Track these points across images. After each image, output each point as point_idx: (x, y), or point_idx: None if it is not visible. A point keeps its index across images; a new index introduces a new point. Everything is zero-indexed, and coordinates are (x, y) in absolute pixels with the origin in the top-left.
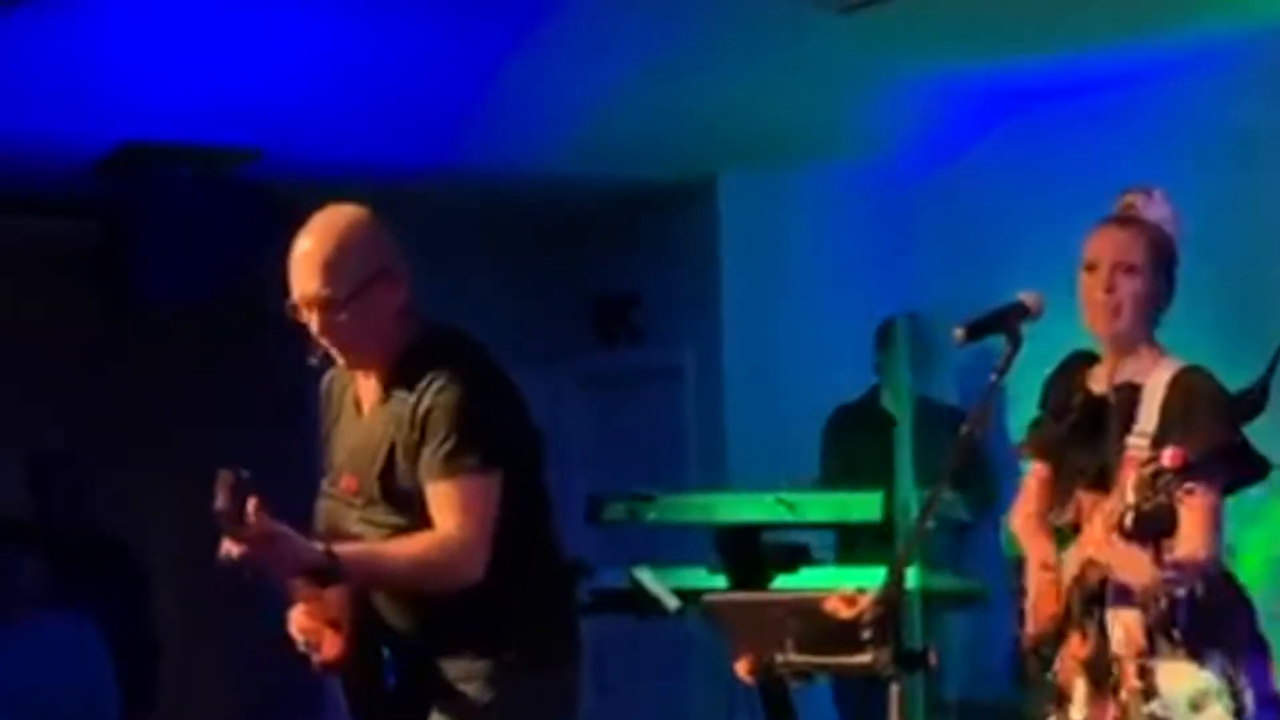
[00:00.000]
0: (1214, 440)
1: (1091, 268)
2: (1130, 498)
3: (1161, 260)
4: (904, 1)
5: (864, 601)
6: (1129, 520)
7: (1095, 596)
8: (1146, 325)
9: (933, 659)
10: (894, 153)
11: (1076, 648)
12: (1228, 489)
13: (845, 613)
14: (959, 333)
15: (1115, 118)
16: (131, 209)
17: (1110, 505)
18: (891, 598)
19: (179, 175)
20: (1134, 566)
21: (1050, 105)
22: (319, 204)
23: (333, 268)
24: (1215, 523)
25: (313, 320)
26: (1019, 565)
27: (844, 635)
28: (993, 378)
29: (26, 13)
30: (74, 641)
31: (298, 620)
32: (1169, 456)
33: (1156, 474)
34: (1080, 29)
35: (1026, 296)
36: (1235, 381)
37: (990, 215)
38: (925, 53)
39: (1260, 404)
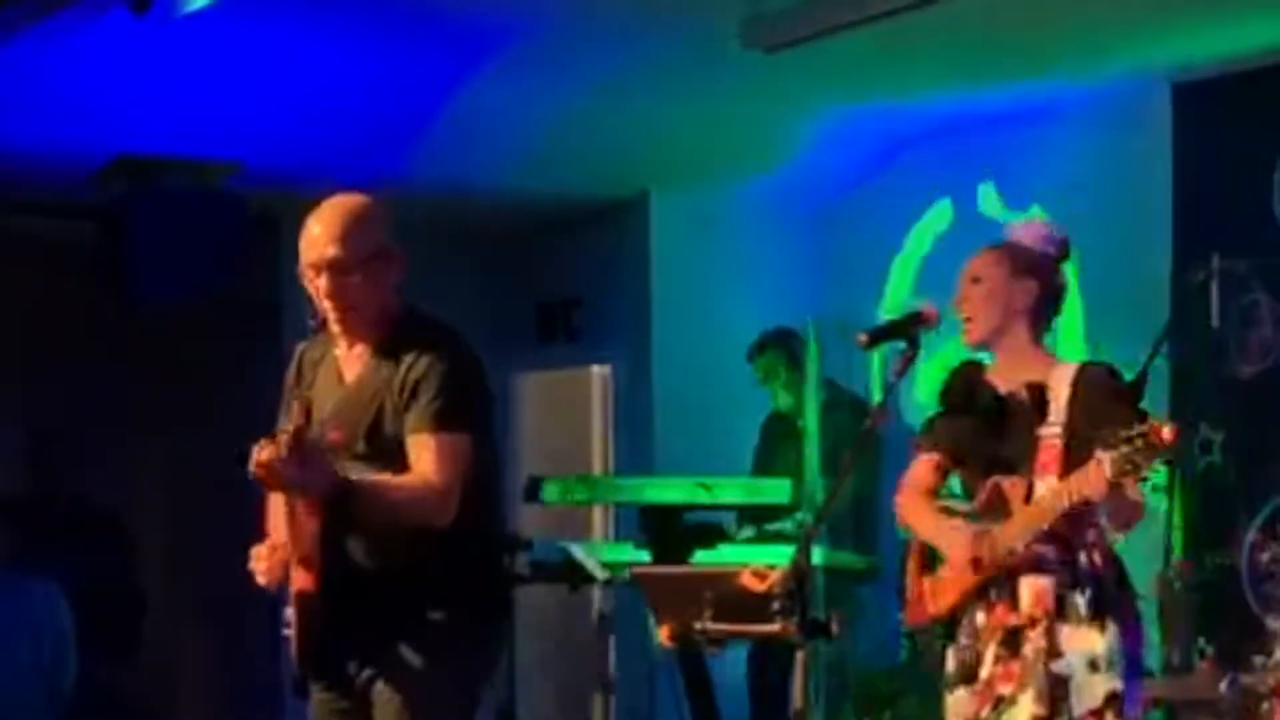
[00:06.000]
0: (1135, 418)
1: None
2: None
3: (1020, 267)
4: (821, 46)
5: (774, 576)
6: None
7: (1014, 570)
8: (1026, 327)
9: (836, 628)
10: (810, 177)
11: (1003, 615)
12: None
13: (757, 586)
14: (862, 338)
15: (1005, 152)
16: (127, 214)
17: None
18: (799, 572)
19: (169, 184)
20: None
21: (948, 140)
22: (292, 212)
23: (346, 235)
24: None
25: (322, 282)
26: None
27: (756, 606)
28: (892, 379)
29: (35, 36)
30: (40, 601)
31: (261, 553)
32: (1169, 432)
33: (1151, 445)
34: (974, 74)
35: (924, 308)
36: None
37: (896, 235)
38: (838, 90)
39: (1142, 391)
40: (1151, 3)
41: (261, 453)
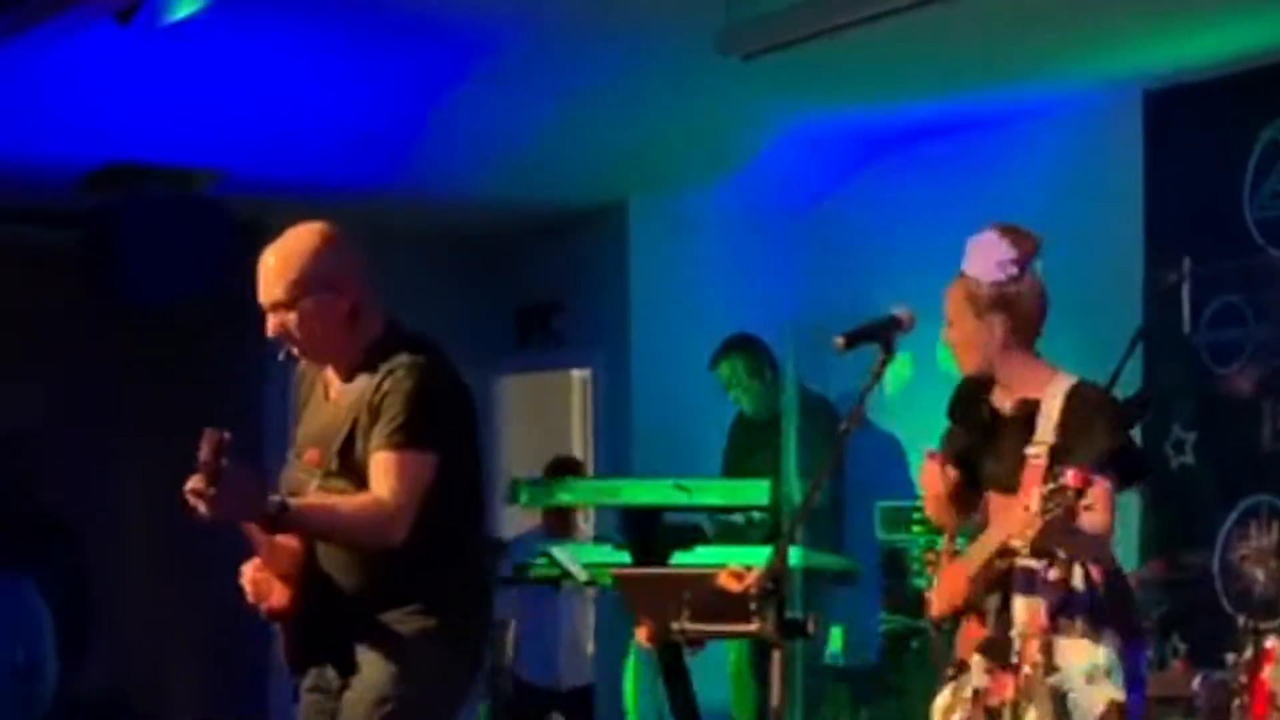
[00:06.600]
0: (1108, 446)
1: None
2: (1035, 507)
3: (983, 307)
4: (796, 52)
5: (751, 577)
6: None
7: (1000, 583)
8: (1013, 351)
9: (811, 628)
10: (787, 181)
11: (975, 630)
12: (1119, 487)
13: (735, 586)
14: (839, 341)
15: (979, 157)
16: (112, 220)
17: (1020, 511)
18: (776, 573)
19: (154, 191)
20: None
21: (922, 145)
22: (274, 218)
23: (280, 276)
24: (1113, 506)
25: (269, 322)
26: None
27: (733, 606)
28: (869, 381)
29: (21, 46)
30: (15, 600)
31: (249, 573)
32: (1072, 478)
33: (1058, 490)
34: (948, 80)
35: (900, 311)
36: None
37: (870, 238)
38: (814, 96)
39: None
40: (1123, 11)
41: (198, 493)
